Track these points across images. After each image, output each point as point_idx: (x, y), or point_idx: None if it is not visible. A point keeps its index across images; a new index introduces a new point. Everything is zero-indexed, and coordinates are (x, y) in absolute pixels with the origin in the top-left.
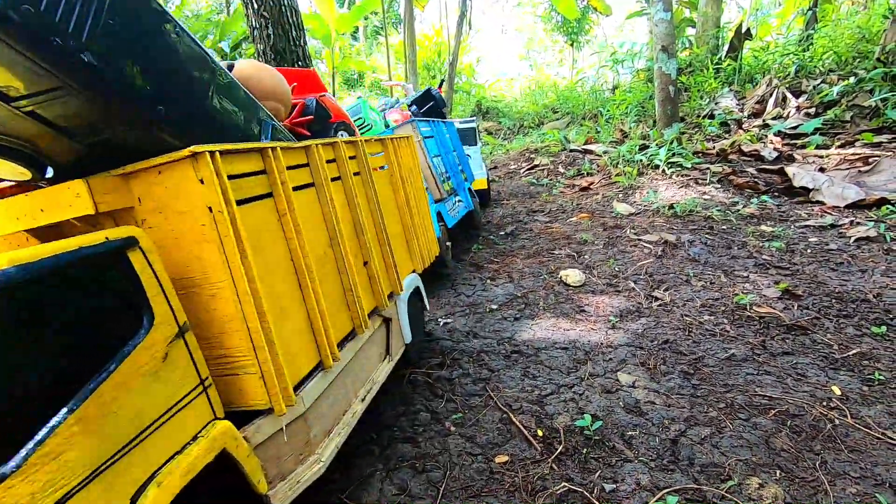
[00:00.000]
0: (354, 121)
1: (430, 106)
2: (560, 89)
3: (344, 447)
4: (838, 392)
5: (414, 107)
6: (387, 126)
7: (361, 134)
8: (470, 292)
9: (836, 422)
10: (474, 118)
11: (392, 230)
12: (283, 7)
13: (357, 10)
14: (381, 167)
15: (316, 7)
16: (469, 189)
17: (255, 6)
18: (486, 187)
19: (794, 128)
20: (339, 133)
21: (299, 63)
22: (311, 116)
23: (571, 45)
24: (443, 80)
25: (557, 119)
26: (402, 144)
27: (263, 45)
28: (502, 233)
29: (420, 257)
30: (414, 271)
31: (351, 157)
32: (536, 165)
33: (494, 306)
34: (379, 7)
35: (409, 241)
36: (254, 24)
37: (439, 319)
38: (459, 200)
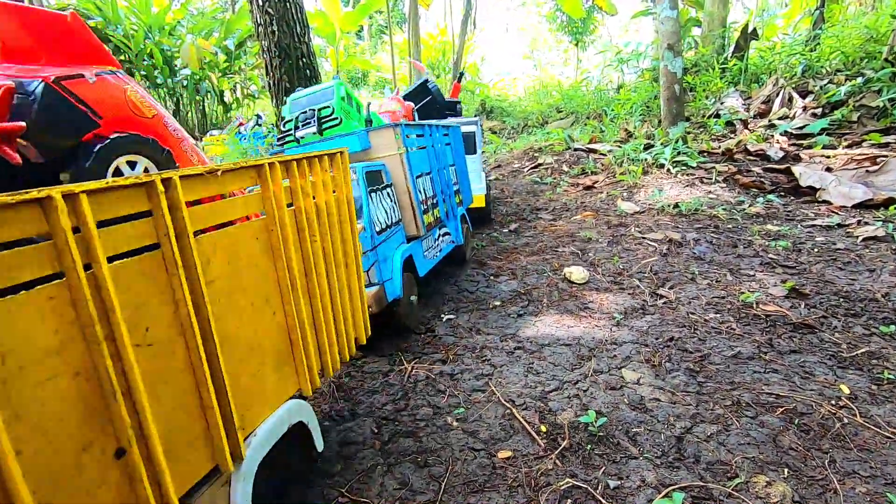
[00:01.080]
0: (320, 110)
1: (426, 102)
2: (564, 89)
3: (343, 443)
4: (847, 391)
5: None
6: (369, 123)
7: (325, 131)
8: (473, 288)
9: (845, 420)
10: (477, 119)
11: (249, 334)
12: (287, 4)
13: (362, 9)
14: (260, 214)
15: (321, 5)
16: (463, 215)
17: (261, 3)
18: (484, 206)
19: (801, 128)
20: (119, 168)
21: (303, 60)
22: (23, 124)
23: (576, 44)
24: (462, 74)
25: (562, 118)
26: (316, 169)
27: (268, 41)
28: (506, 230)
29: (309, 370)
30: (300, 393)
31: (133, 217)
32: (540, 164)
33: (498, 302)
34: (384, 6)
35: (294, 343)
36: (259, 20)
37: (442, 315)
38: (446, 234)
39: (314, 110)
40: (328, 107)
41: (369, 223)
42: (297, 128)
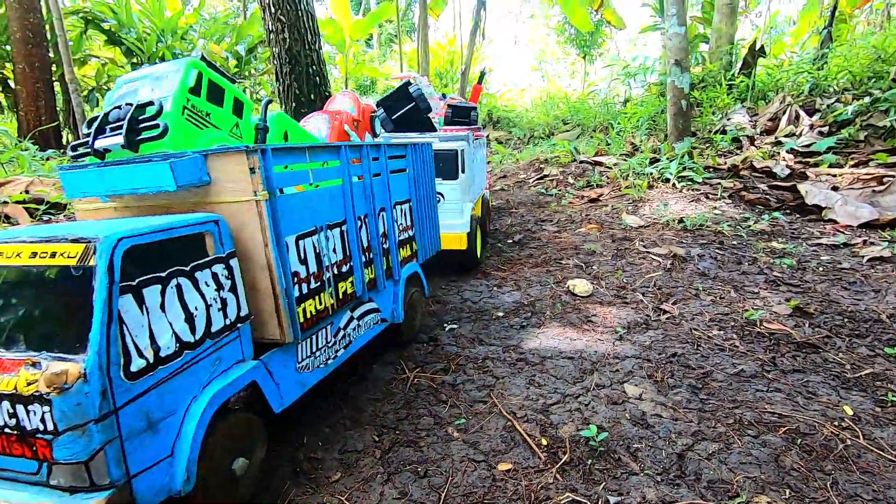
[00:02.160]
0: (139, 107)
1: (407, 110)
2: (571, 101)
3: (344, 451)
4: (850, 412)
5: (380, 110)
6: (263, 132)
7: (141, 143)
8: (476, 298)
9: (848, 442)
10: (468, 134)
11: None
12: (299, 12)
13: (372, 18)
14: None
15: (332, 13)
16: (414, 275)
17: (273, 10)
18: (465, 248)
19: (807, 146)
20: None
21: (313, 67)
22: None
23: (584, 57)
24: (483, 74)
25: (568, 130)
26: None
27: (279, 48)
28: (510, 241)
29: None
30: None
31: None
32: (546, 175)
33: (501, 313)
34: (394, 15)
35: None
36: (270, 27)
37: (445, 325)
38: (369, 312)
39: (131, 105)
40: (153, 102)
41: (98, 363)
42: (100, 131)
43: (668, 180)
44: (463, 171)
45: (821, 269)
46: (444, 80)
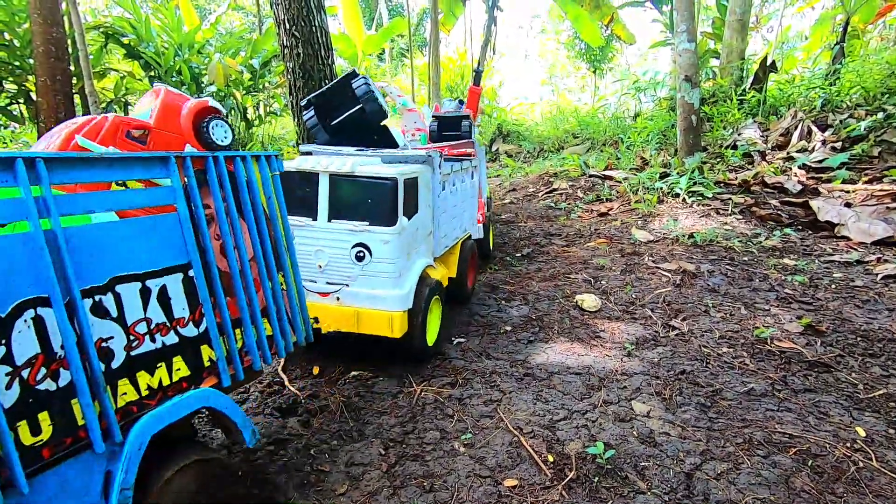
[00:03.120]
0: None
1: (351, 113)
2: (581, 115)
3: (350, 464)
4: (863, 433)
5: (310, 111)
6: None
7: None
8: (484, 312)
9: (860, 464)
10: (426, 155)
11: None
12: (313, 28)
13: (384, 33)
14: None
15: (345, 28)
16: (215, 412)
17: (287, 26)
18: (400, 336)
19: (820, 161)
20: None
21: (326, 82)
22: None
23: (594, 72)
24: (478, 73)
25: (578, 144)
26: None
27: (293, 62)
28: (519, 254)
29: None
30: None
31: None
32: (555, 189)
33: (508, 328)
34: (405, 30)
35: None
36: (284, 42)
37: (452, 339)
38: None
39: None
40: None
41: None
42: None
43: (678, 195)
44: (408, 214)
45: (833, 286)
46: (454, 94)
